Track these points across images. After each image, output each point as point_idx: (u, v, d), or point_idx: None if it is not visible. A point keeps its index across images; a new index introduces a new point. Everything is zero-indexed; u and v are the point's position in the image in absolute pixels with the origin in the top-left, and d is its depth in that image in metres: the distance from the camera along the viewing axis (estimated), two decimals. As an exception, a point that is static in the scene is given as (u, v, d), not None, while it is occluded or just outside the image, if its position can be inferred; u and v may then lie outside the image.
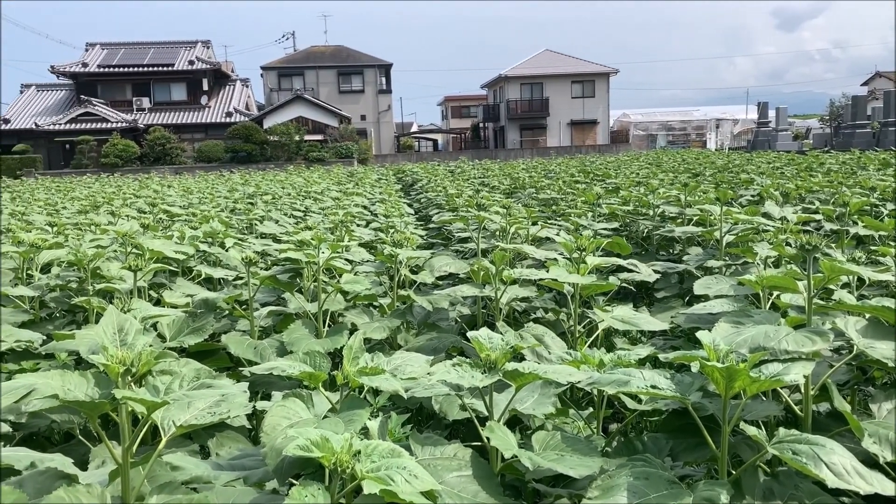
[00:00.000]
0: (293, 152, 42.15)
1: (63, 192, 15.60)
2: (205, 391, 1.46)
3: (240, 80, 50.97)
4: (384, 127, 53.22)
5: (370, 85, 52.83)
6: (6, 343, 2.81)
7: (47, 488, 1.46)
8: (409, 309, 3.41)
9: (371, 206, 9.41)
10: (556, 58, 54.46)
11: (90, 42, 48.98)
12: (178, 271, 4.70)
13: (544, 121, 52.83)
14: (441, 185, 11.17)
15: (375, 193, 11.57)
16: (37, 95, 48.32)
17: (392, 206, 7.80)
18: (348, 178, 17.77)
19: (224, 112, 46.59)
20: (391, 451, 1.45)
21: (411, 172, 19.83)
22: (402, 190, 14.77)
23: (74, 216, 8.28)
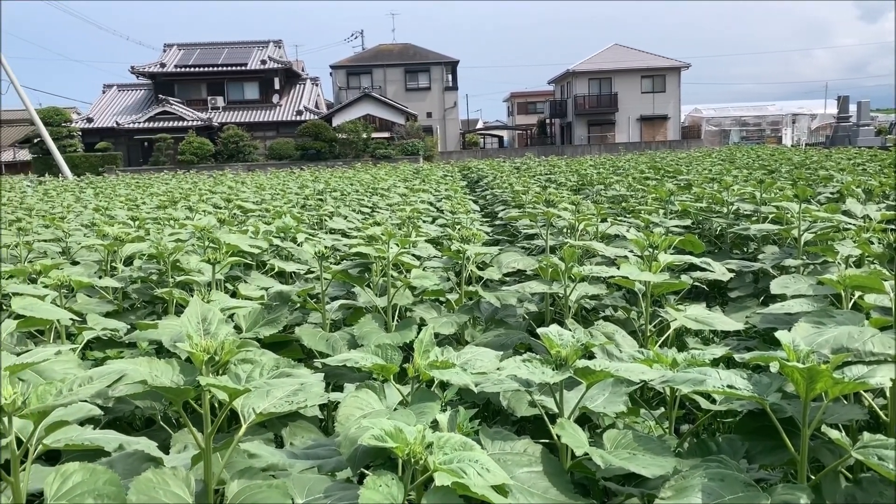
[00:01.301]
0: (360, 150, 42.72)
1: (142, 189, 16.22)
2: (284, 380, 1.51)
3: (310, 78, 51.93)
4: (450, 124, 53.38)
5: (436, 82, 53.06)
6: (94, 331, 2.95)
7: (135, 470, 1.53)
8: (477, 305, 3.42)
9: (437, 203, 9.46)
10: (626, 52, 53.53)
11: (168, 43, 50.70)
12: (252, 265, 4.83)
13: (613, 116, 52.03)
14: (507, 182, 11.14)
15: (441, 190, 11.63)
16: (118, 95, 50.34)
17: (458, 203, 7.82)
18: (414, 175, 17.91)
19: (294, 110, 47.56)
20: (463, 445, 1.46)
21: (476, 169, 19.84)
22: (468, 186, 14.80)
23: (154, 211, 8.60)
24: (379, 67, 53.08)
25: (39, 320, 2.51)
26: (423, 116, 50.85)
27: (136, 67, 47.78)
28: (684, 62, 52.31)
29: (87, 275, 3.83)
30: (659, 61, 52.39)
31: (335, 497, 1.51)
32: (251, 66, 47.87)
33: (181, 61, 48.58)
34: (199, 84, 48.42)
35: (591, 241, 4.09)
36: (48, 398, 1.33)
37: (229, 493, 1.43)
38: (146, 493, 1.29)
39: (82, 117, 47.98)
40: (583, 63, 52.69)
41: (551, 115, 56.53)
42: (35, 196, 15.53)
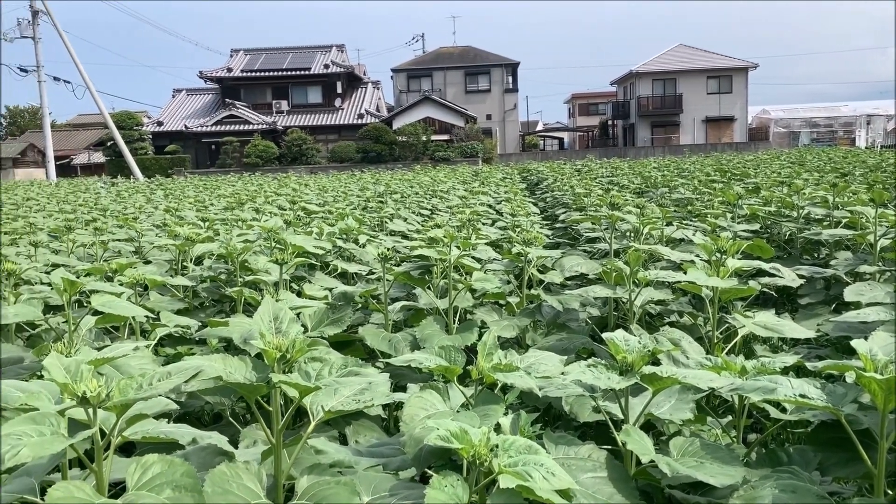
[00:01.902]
0: (420, 152, 43.00)
1: (210, 190, 16.69)
2: (353, 378, 1.54)
3: (371, 82, 52.56)
4: (509, 126, 53.25)
5: (496, 84, 53.01)
6: (167, 328, 3.05)
7: (208, 463, 1.58)
8: (538, 308, 3.41)
9: (496, 206, 9.45)
10: (691, 52, 52.46)
11: (234, 48, 52.05)
12: (316, 265, 4.92)
13: (677, 118, 51.04)
14: (568, 184, 11.05)
15: (500, 192, 11.61)
16: (186, 99, 51.92)
17: (518, 206, 7.80)
18: (473, 177, 17.92)
19: (356, 114, 48.20)
20: (528, 448, 1.46)
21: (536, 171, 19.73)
22: (527, 189, 14.73)
23: (221, 212, 8.84)
24: (439, 70, 53.34)
25: (116, 317, 2.61)
26: (483, 119, 50.86)
27: (204, 72, 49.21)
28: (751, 62, 50.97)
29: (160, 274, 3.96)
30: (725, 61, 51.16)
31: (400, 496, 1.53)
32: (314, 70, 48.73)
33: (247, 66, 49.80)
34: (264, 88, 49.54)
35: (655, 244, 4.03)
36: (129, 392, 1.38)
37: (299, 488, 1.46)
38: (220, 486, 1.33)
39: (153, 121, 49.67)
40: (646, 64, 51.86)
41: (613, 116, 55.81)
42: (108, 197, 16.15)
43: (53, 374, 1.39)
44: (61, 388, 1.39)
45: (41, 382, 1.91)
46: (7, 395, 1.72)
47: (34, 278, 3.98)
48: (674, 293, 3.50)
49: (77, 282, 2.53)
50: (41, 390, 1.70)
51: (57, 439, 1.28)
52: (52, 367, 1.40)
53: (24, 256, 4.80)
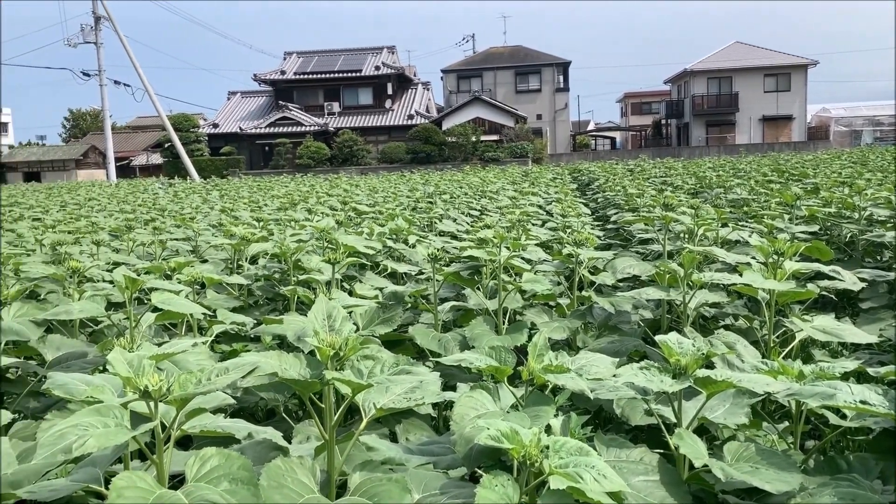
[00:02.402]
0: (469, 152, 43.03)
1: (263, 191, 17.00)
2: (404, 377, 1.55)
3: (421, 83, 52.81)
4: (560, 126, 52.87)
5: (547, 84, 52.71)
6: (223, 325, 3.13)
7: (263, 457, 1.62)
8: (589, 310, 3.38)
9: (546, 206, 9.40)
10: (747, 50, 51.26)
11: (287, 51, 52.90)
12: (366, 265, 4.97)
13: (733, 117, 49.95)
14: (620, 185, 10.92)
15: (551, 193, 11.54)
16: (241, 101, 52.98)
17: (569, 206, 7.74)
18: (523, 178, 17.86)
19: (406, 115, 48.49)
20: (579, 449, 1.45)
21: (587, 171, 19.55)
22: (578, 189, 14.61)
23: (275, 212, 9.00)
24: (489, 70, 53.29)
25: (175, 314, 2.69)
26: (533, 118, 50.61)
27: (258, 75, 50.15)
28: (811, 59, 49.55)
29: (216, 272, 4.06)
30: (783, 58, 49.85)
31: (451, 494, 1.54)
32: (365, 72, 49.20)
33: (300, 69, 50.56)
34: (316, 90, 50.23)
35: (710, 246, 3.95)
36: (189, 386, 1.43)
37: (351, 484, 1.49)
38: (276, 480, 1.36)
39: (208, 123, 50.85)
40: (701, 62, 50.89)
41: (667, 115, 54.91)
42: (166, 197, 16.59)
43: (117, 368, 1.44)
44: (124, 382, 1.44)
45: (104, 376, 1.98)
46: (73, 388, 1.79)
47: (97, 276, 4.11)
48: (729, 296, 3.44)
49: (138, 280, 2.62)
50: (104, 384, 1.77)
51: (121, 431, 1.33)
52: (117, 362, 1.46)
53: (87, 255, 4.97)
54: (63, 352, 2.73)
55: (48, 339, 2.79)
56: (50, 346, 2.76)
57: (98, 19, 42.39)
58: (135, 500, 1.22)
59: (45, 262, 4.46)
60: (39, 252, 5.30)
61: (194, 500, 1.25)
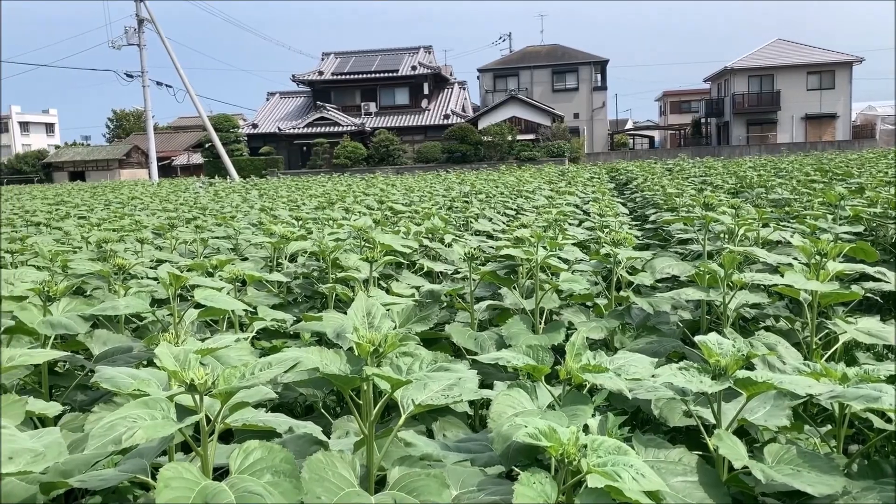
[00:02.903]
0: (505, 152, 42.95)
1: (301, 190, 17.19)
2: (443, 374, 1.57)
3: (457, 82, 52.86)
4: (597, 124, 52.48)
5: (584, 82, 52.36)
6: (264, 321, 3.18)
7: (304, 451, 1.65)
8: (627, 310, 3.36)
9: (583, 206, 9.34)
10: (789, 47, 50.27)
11: (325, 52, 53.40)
12: (403, 264, 5.01)
13: (774, 115, 49.03)
14: (658, 184, 10.81)
15: (588, 192, 11.47)
16: (280, 102, 53.62)
17: (606, 205, 7.69)
18: (560, 177, 17.77)
19: (442, 114, 48.58)
20: (617, 449, 1.45)
21: (625, 171, 19.37)
22: (616, 189, 14.48)
23: (313, 211, 9.11)
24: (526, 69, 53.11)
25: (218, 310, 2.74)
26: (570, 117, 50.30)
27: (296, 76, 50.69)
28: (856, 56, 48.36)
29: (256, 270, 4.12)
30: (827, 55, 48.76)
31: (488, 491, 1.55)
32: (402, 72, 49.41)
33: (337, 69, 50.98)
34: (353, 90, 50.61)
35: (751, 246, 3.90)
36: (233, 380, 1.46)
37: (391, 478, 1.51)
38: (317, 473, 1.39)
39: (248, 123, 51.58)
40: (742, 59, 50.04)
41: (707, 114, 54.13)
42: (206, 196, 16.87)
43: (164, 362, 1.48)
44: (171, 376, 1.48)
45: (149, 370, 2.03)
46: (120, 381, 1.84)
47: (140, 273, 4.21)
48: (769, 297, 3.38)
49: (182, 276, 2.67)
50: (150, 378, 1.81)
51: (168, 423, 1.37)
52: (164, 356, 1.50)
53: (132, 252, 5.08)
54: (109, 346, 2.80)
55: (95, 334, 2.87)
56: (97, 340, 2.84)
57: (141, 22, 43.27)
58: (181, 491, 1.25)
59: (92, 259, 4.58)
60: (86, 249, 5.44)
61: (238, 491, 1.28)
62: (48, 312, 2.75)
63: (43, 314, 2.70)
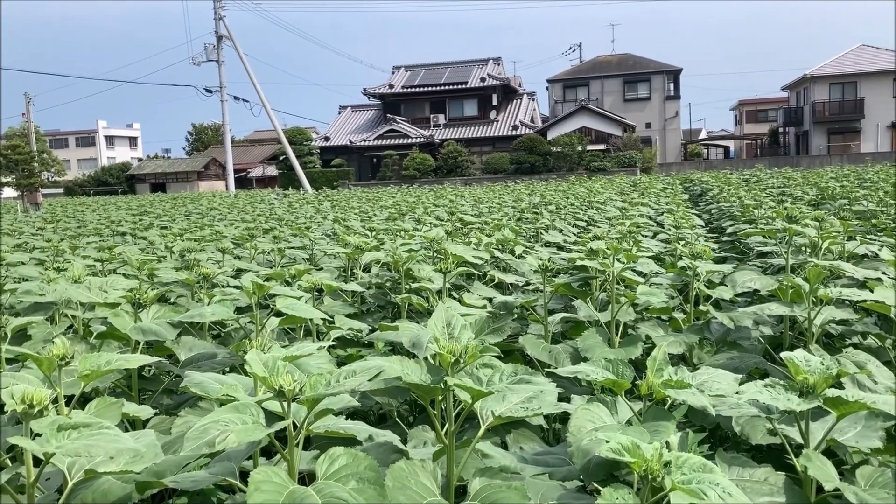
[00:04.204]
0: (575, 162, 42.58)
1: (372, 201, 17.45)
2: (523, 386, 1.57)
3: (526, 93, 52.79)
4: (670, 134, 51.49)
5: (657, 92, 51.50)
6: (341, 330, 3.24)
7: (385, 459, 1.67)
8: (706, 325, 3.28)
9: (657, 217, 9.18)
10: (874, 53, 48.24)
11: (396, 65, 54.18)
12: (473, 275, 5.02)
13: (858, 124, 47.09)
14: (735, 195, 10.52)
15: (661, 203, 11.26)
16: (351, 115, 54.66)
17: (681, 217, 7.53)
18: (632, 188, 17.50)
19: (510, 125, 48.57)
20: (702, 466, 1.42)
21: (700, 181, 18.93)
22: (690, 200, 14.16)
23: (384, 222, 9.23)
24: (596, 79, 52.62)
25: (298, 318, 2.82)
26: (642, 127, 49.54)
27: (367, 89, 51.61)
28: (948, 61, 46.02)
29: (331, 279, 4.21)
30: (916, 61, 46.58)
31: (569, 505, 1.54)
32: (471, 84, 49.66)
33: (407, 82, 51.64)
34: (422, 103, 51.15)
35: (836, 260, 3.76)
36: (319, 387, 1.50)
37: (471, 489, 1.52)
38: (400, 481, 1.41)
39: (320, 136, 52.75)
40: (823, 66, 48.31)
41: (785, 123, 52.42)
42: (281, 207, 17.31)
43: (254, 368, 1.54)
44: (261, 381, 1.53)
45: (234, 376, 2.10)
46: (208, 386, 1.91)
47: (222, 282, 4.36)
48: (857, 313, 3.25)
49: (265, 285, 2.76)
50: (236, 383, 1.88)
51: (258, 428, 1.41)
52: (254, 362, 1.55)
53: (213, 262, 5.26)
54: (195, 352, 2.91)
55: (181, 341, 2.98)
56: (183, 346, 2.95)
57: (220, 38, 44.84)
58: (271, 494, 1.29)
59: (176, 267, 4.77)
60: (170, 258, 5.67)
61: (325, 496, 1.31)
62: (138, 319, 2.87)
63: (134, 321, 2.83)
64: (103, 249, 6.04)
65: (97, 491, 1.72)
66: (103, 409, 1.82)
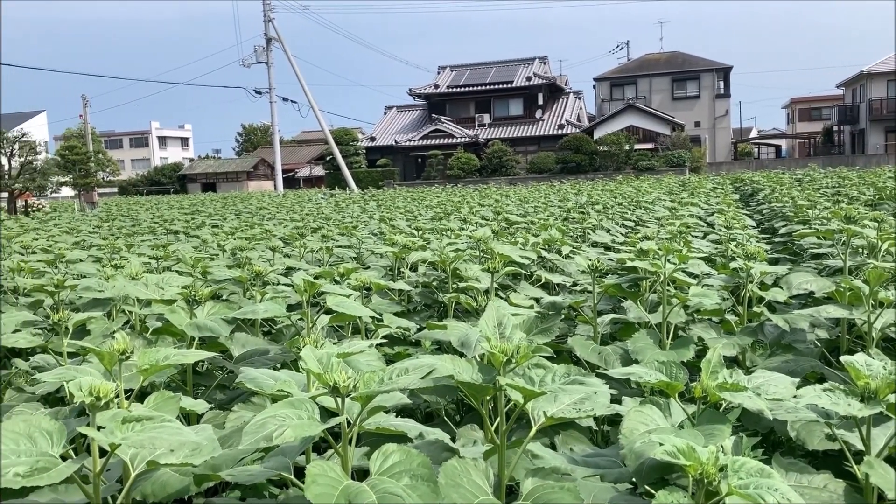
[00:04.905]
0: (622, 162, 42.10)
1: (417, 201, 17.52)
2: (577, 387, 1.56)
3: (572, 92, 52.38)
4: (720, 133, 50.54)
5: (706, 90, 50.60)
6: (389, 328, 3.27)
7: (436, 457, 1.68)
8: (760, 327, 3.22)
9: (707, 217, 9.01)
10: (936, 47, 46.56)
11: (441, 65, 54.31)
12: (520, 275, 5.00)
13: (917, 122, 45.54)
14: (787, 195, 10.27)
15: (711, 203, 11.05)
16: (397, 115, 54.98)
17: (732, 217, 7.39)
18: (680, 188, 17.22)
19: (556, 124, 48.25)
20: (760, 471, 1.40)
21: (751, 181, 18.53)
22: (741, 200, 13.88)
23: (429, 222, 9.27)
24: (644, 77, 51.94)
25: (348, 316, 2.85)
26: (691, 126, 48.72)
27: (413, 89, 51.85)
28: None
29: (378, 278, 4.24)
30: (980, 55, 44.85)
31: (621, 507, 1.52)
32: (516, 83, 49.49)
33: (453, 82, 51.72)
34: (467, 103, 51.16)
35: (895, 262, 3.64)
36: (372, 384, 1.52)
37: (523, 489, 1.51)
38: (452, 479, 1.42)
39: (366, 136, 53.20)
40: (881, 63, 46.83)
41: (839, 121, 50.99)
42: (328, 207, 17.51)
43: (309, 364, 1.56)
44: (315, 377, 1.55)
45: (287, 372, 2.13)
46: (262, 382, 1.94)
47: (273, 280, 4.43)
48: (920, 317, 3.15)
49: (316, 283, 2.80)
50: (290, 379, 1.91)
51: (313, 423, 1.43)
52: (308, 359, 1.57)
53: (264, 260, 5.35)
54: (247, 348, 2.97)
55: (235, 337, 3.04)
56: (236, 343, 3.01)
57: (269, 41, 45.54)
58: (326, 488, 1.31)
59: (228, 265, 4.86)
60: (222, 256, 5.78)
61: (379, 492, 1.32)
62: (193, 315, 2.94)
63: (189, 317, 2.90)
64: (158, 247, 6.20)
65: (156, 483, 1.77)
66: (162, 402, 1.86)
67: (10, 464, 1.33)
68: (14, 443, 1.39)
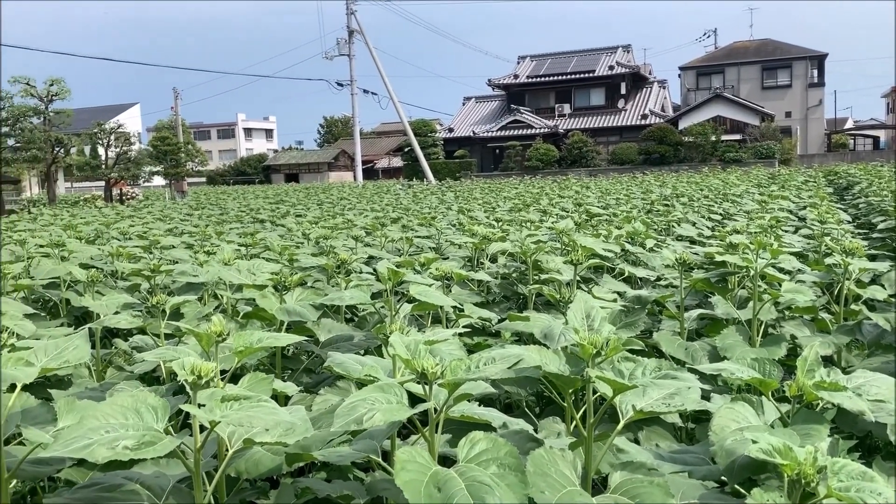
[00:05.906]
0: (708, 153, 40.86)
1: (495, 192, 17.49)
2: (667, 381, 1.54)
3: (657, 81, 51.12)
4: (812, 124, 48.37)
5: (798, 79, 48.48)
6: (470, 318, 3.29)
7: (521, 447, 1.68)
8: (858, 326, 3.07)
9: (798, 212, 8.66)
10: None
11: (521, 55, 53.93)
12: (602, 268, 4.94)
13: None
14: (886, 188, 9.75)
15: (803, 197, 10.61)
16: (475, 106, 54.95)
17: (826, 211, 7.07)
18: (770, 181, 16.58)
19: (639, 114, 47.22)
20: (861, 474, 1.34)
21: (845, 174, 17.68)
22: (835, 194, 13.26)
23: (508, 213, 9.24)
24: (732, 66, 50.18)
25: (430, 304, 2.88)
26: (781, 116, 46.82)
27: (492, 80, 51.70)
28: None
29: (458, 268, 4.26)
30: None
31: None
32: (598, 72, 48.66)
33: (532, 72, 51.28)
34: (547, 93, 50.65)
35: None
36: (459, 372, 1.53)
37: (612, 482, 1.50)
38: (540, 469, 1.42)
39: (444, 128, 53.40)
40: None
41: (945, 111, 47.95)
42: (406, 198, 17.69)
43: (398, 350, 1.59)
44: (403, 363, 1.58)
45: (373, 358, 2.18)
46: (349, 367, 1.99)
47: (355, 268, 4.52)
48: None
49: (399, 272, 2.84)
50: (376, 364, 1.95)
51: (402, 408, 1.46)
52: (397, 344, 1.60)
53: (347, 248, 5.46)
54: (333, 334, 3.04)
55: (321, 323, 3.12)
56: (323, 328, 3.09)
57: (351, 33, 46.21)
58: (415, 474, 1.33)
59: (313, 253, 4.98)
60: (307, 245, 5.93)
61: (467, 479, 1.34)
62: (283, 301, 3.03)
63: (279, 302, 2.99)
64: (246, 235, 6.41)
65: (250, 460, 1.84)
66: (255, 383, 1.93)
67: (120, 437, 1.40)
68: (123, 416, 1.47)
